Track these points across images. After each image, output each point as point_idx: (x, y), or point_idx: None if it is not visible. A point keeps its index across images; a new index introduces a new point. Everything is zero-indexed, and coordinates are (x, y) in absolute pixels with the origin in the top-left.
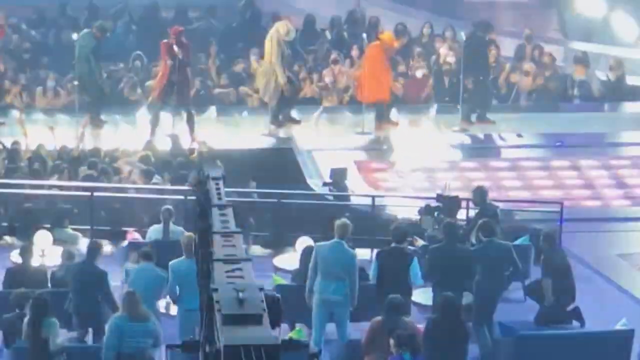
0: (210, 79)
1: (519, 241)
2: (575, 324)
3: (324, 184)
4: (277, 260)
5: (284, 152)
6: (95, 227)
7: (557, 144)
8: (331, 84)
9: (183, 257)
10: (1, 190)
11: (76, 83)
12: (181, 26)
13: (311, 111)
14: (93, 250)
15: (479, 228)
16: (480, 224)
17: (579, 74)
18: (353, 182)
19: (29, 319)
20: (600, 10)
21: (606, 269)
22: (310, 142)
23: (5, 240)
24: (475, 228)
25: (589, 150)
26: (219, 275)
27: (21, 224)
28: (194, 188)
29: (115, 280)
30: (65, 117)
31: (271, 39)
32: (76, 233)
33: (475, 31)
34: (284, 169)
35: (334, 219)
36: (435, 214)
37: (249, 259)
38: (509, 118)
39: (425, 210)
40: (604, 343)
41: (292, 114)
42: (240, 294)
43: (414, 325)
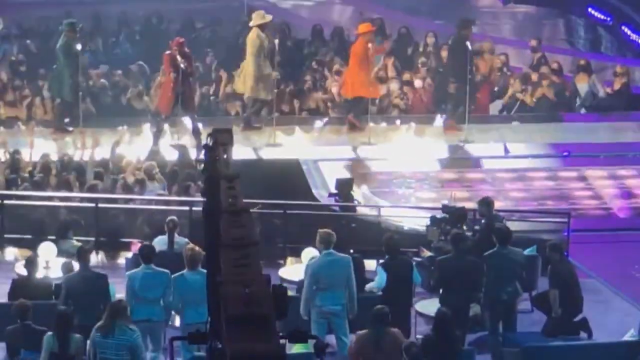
0: (215, 90)
1: (526, 252)
2: (583, 335)
3: (330, 195)
4: (283, 272)
5: (289, 163)
6: (99, 238)
7: (564, 154)
8: (337, 94)
9: (186, 270)
10: (6, 201)
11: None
12: (185, 37)
13: (317, 121)
14: (83, 254)
15: (494, 234)
16: (495, 230)
17: (582, 82)
18: (359, 193)
19: (55, 335)
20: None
21: (614, 279)
22: (316, 153)
23: (9, 251)
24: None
25: (596, 160)
26: (225, 263)
27: (27, 236)
28: (202, 159)
29: (120, 292)
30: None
31: (251, 36)
32: (81, 244)
33: (457, 30)
34: (289, 180)
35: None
36: (443, 224)
37: (257, 242)
38: (514, 128)
39: (431, 222)
40: (612, 354)
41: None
42: (246, 289)
43: (400, 335)
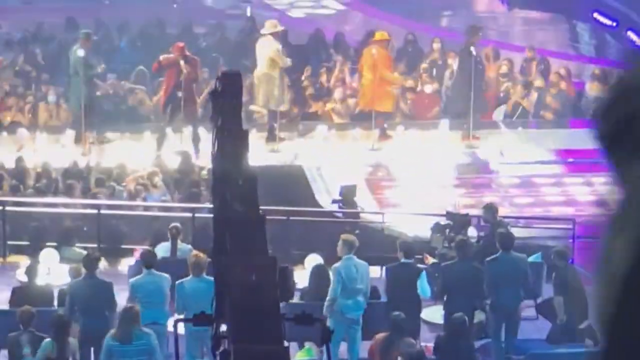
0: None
1: (531, 259)
2: (589, 342)
3: (334, 201)
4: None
5: (293, 169)
6: (102, 245)
7: (569, 160)
8: (341, 100)
9: (190, 277)
10: (8, 208)
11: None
12: (187, 43)
13: (321, 127)
14: (91, 261)
15: (497, 239)
16: (498, 235)
17: (594, 91)
18: (362, 199)
19: (53, 339)
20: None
21: None
22: (320, 159)
23: (11, 258)
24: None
25: (602, 166)
26: (232, 243)
27: (29, 242)
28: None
29: (122, 299)
30: (71, 133)
31: (266, 46)
32: (83, 251)
33: (467, 38)
34: (293, 186)
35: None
36: (447, 231)
37: (263, 220)
38: (519, 134)
39: (435, 228)
40: None
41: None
42: (253, 275)
43: (414, 344)
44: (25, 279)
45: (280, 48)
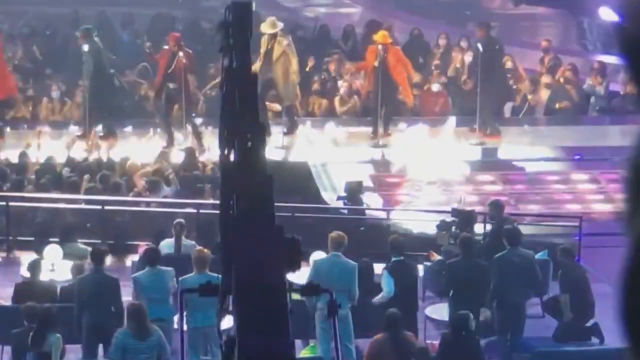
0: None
1: (537, 256)
2: (595, 340)
3: (339, 198)
4: (291, 275)
5: (298, 165)
6: (105, 241)
7: (576, 157)
8: (347, 96)
9: (193, 273)
10: (11, 203)
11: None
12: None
13: (326, 124)
14: (98, 256)
15: (504, 235)
16: (505, 231)
17: (595, 85)
18: (368, 196)
19: (34, 331)
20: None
21: None
22: (325, 155)
23: (14, 254)
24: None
25: (608, 163)
26: (241, 208)
27: (32, 238)
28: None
29: (127, 295)
30: (74, 128)
31: (273, 40)
32: (86, 247)
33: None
34: (298, 182)
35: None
36: (453, 228)
37: (271, 181)
38: (526, 131)
39: (441, 226)
40: None
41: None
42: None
43: (414, 338)
44: (28, 275)
45: (291, 43)
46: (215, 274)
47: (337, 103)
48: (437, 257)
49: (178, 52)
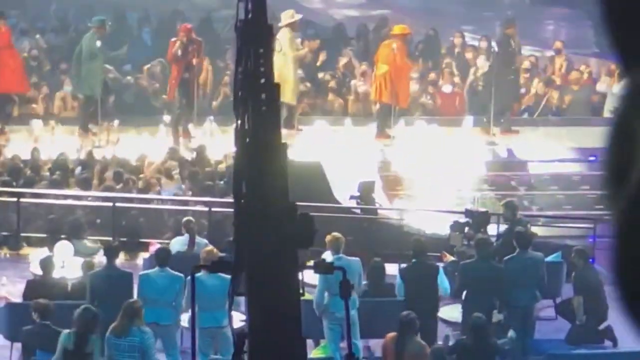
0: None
1: (550, 258)
2: (608, 343)
3: (351, 197)
4: (304, 275)
5: (311, 165)
6: (117, 238)
7: (591, 158)
8: (362, 94)
9: (202, 272)
10: (23, 200)
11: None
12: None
13: (339, 123)
14: (111, 251)
15: (514, 238)
16: (515, 234)
17: (611, 86)
18: (380, 196)
19: (76, 334)
20: None
21: None
22: (338, 155)
23: (25, 250)
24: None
25: None
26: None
27: (44, 235)
28: None
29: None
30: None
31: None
32: (94, 245)
33: (502, 30)
34: (310, 182)
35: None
36: (466, 229)
37: (285, 148)
38: (541, 132)
39: (454, 226)
40: None
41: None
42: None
43: (425, 348)
44: (39, 272)
45: (293, 38)
46: (222, 275)
47: (350, 102)
48: (450, 258)
49: (188, 43)
